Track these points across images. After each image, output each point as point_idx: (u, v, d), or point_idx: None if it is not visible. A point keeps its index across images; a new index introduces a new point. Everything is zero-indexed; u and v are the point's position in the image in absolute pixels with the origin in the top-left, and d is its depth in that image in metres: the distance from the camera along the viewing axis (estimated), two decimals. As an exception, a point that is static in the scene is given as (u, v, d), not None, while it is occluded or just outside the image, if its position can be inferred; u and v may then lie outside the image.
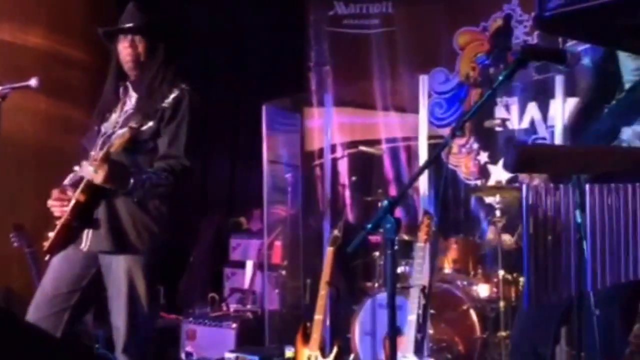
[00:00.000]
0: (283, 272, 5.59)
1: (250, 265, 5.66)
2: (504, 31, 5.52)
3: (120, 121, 2.95)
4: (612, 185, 2.08)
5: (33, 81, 3.01)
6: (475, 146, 5.59)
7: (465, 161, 5.63)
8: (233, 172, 6.38)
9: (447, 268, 4.59)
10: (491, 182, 5.33)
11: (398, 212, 5.03)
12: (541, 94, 5.25)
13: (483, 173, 5.53)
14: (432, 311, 3.98)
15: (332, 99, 5.54)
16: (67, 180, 3.01)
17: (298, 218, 5.73)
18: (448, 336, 4.17)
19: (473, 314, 4.18)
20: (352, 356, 4.32)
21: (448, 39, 5.73)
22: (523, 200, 2.03)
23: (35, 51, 4.98)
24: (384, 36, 5.98)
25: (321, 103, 5.83)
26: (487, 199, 5.07)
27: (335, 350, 3.93)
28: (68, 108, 5.06)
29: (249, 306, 5.37)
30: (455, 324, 4.21)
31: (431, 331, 3.98)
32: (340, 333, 4.54)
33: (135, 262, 2.83)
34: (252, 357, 4.57)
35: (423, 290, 3.65)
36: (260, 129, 5.49)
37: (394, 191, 5.67)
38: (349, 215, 5.90)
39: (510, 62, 2.32)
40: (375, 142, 5.89)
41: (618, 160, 2.15)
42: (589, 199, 2.04)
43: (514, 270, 4.33)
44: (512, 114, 5.43)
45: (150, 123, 2.83)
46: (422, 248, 3.85)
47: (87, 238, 2.86)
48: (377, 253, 4.74)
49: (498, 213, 4.41)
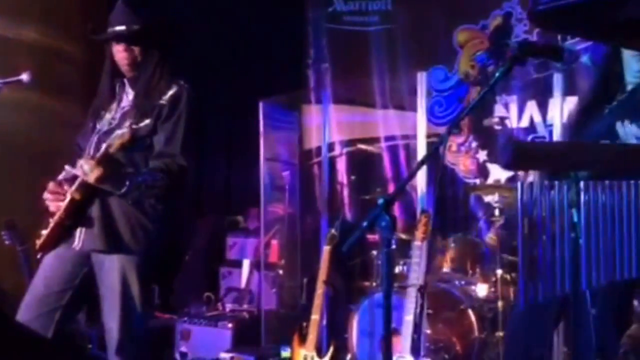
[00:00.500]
0: (280, 272, 5.56)
1: (246, 264, 5.64)
2: (504, 29, 5.50)
3: (116, 118, 2.91)
4: (607, 182, 2.07)
5: (25, 76, 2.98)
6: (474, 144, 5.57)
7: (463, 159, 5.61)
8: (230, 170, 6.36)
9: (445, 267, 4.57)
10: (490, 181, 5.32)
11: (396, 211, 5.06)
12: (540, 93, 5.23)
13: (482, 171, 5.51)
14: (430, 311, 3.96)
15: (331, 97, 5.51)
16: (62, 175, 2.97)
17: (295, 217, 5.71)
18: (445, 336, 4.14)
19: (471, 314, 4.15)
20: (349, 356, 4.31)
21: (447, 37, 5.70)
22: (518, 198, 2.02)
23: (28, 46, 4.94)
24: (383, 33, 5.96)
25: (319, 100, 5.81)
26: (486, 198, 5.05)
27: (331, 350, 3.91)
28: (62, 104, 5.02)
29: (245, 306, 5.35)
30: (452, 324, 4.18)
31: (428, 331, 3.96)
32: (337, 333, 4.51)
33: (128, 262, 2.79)
34: (248, 358, 4.56)
35: (420, 289, 3.61)
36: (257, 126, 5.46)
37: (393, 190, 5.64)
38: (347, 214, 5.87)
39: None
40: (373, 140, 5.86)
41: (613, 157, 2.14)
42: (584, 196, 2.03)
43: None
44: (511, 113, 5.41)
45: (147, 120, 2.80)
46: (420, 247, 3.82)
47: (80, 236, 2.82)
48: (375, 252, 4.72)
49: (497, 212, 4.39)
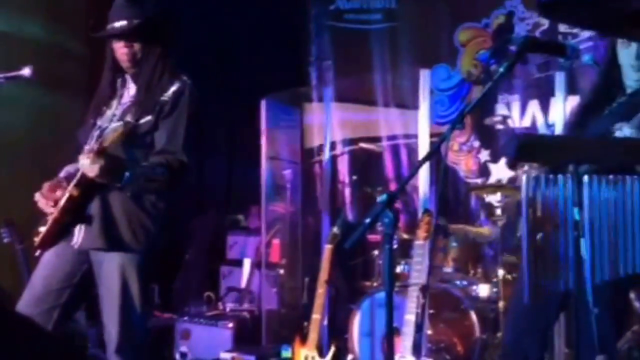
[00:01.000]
0: (281, 271, 5.53)
1: (247, 263, 5.61)
2: (506, 28, 5.48)
3: (117, 114, 2.89)
4: (611, 176, 2.08)
5: (26, 70, 2.95)
6: (476, 144, 5.56)
7: (465, 159, 5.60)
8: (231, 168, 6.35)
9: (447, 267, 4.55)
10: (491, 181, 5.30)
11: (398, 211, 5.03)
12: (542, 92, 5.23)
13: (483, 171, 5.49)
14: (431, 311, 3.94)
15: (333, 95, 5.49)
16: (62, 173, 2.96)
17: (297, 216, 5.70)
18: (447, 337, 4.12)
19: (472, 314, 4.12)
20: (351, 356, 4.28)
21: (450, 36, 5.70)
22: (522, 191, 2.04)
23: (30, 42, 4.92)
24: (386, 31, 5.95)
25: (321, 98, 5.78)
26: (488, 198, 5.03)
27: (332, 350, 3.89)
28: (63, 101, 5.01)
29: (246, 305, 5.32)
30: (454, 325, 4.16)
31: (430, 331, 3.94)
32: (338, 333, 4.49)
33: (128, 261, 2.76)
34: (249, 358, 4.54)
35: (422, 289, 3.59)
36: (259, 124, 5.44)
37: (395, 188, 5.62)
38: (349, 213, 5.85)
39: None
40: (375, 139, 5.85)
41: (618, 151, 2.14)
42: (588, 191, 2.04)
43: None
44: (513, 112, 5.40)
45: (148, 117, 2.78)
46: (422, 246, 3.79)
47: (79, 234, 2.79)
48: (376, 252, 4.70)
49: (498, 211, 4.37)
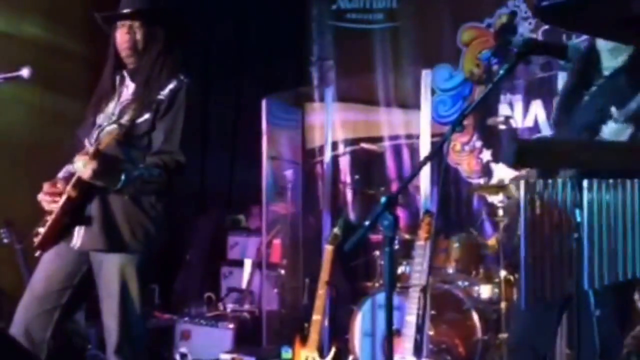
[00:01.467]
0: (282, 272, 5.52)
1: (248, 264, 5.59)
2: (509, 28, 5.45)
3: (116, 112, 2.87)
4: (611, 180, 2.09)
5: (25, 71, 2.93)
6: (478, 144, 5.54)
7: (467, 159, 5.58)
8: (232, 168, 6.33)
9: (449, 268, 4.54)
10: (494, 181, 5.27)
11: (400, 211, 5.02)
12: (545, 92, 5.21)
13: (485, 171, 5.47)
14: (433, 312, 3.93)
15: (334, 94, 5.47)
16: (61, 173, 2.95)
17: (298, 216, 5.68)
18: (448, 337, 4.12)
19: (474, 315, 4.12)
20: (351, 357, 4.27)
21: (452, 35, 5.68)
22: (521, 196, 2.04)
23: (30, 42, 4.92)
24: (388, 31, 5.94)
25: (323, 98, 5.76)
26: (490, 198, 5.01)
27: (333, 351, 3.88)
28: (63, 101, 5.01)
29: (247, 306, 5.31)
30: (455, 325, 4.16)
31: (431, 332, 3.93)
32: (339, 334, 4.48)
33: (128, 261, 2.75)
34: (249, 358, 4.52)
35: (423, 290, 3.57)
36: (260, 124, 5.42)
37: (396, 189, 5.61)
38: (350, 213, 5.84)
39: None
40: (377, 140, 5.83)
41: (617, 155, 2.14)
42: (587, 195, 2.05)
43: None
44: (516, 112, 5.38)
45: (146, 115, 2.75)
46: (422, 247, 3.78)
47: (79, 235, 2.77)
48: (378, 252, 4.69)
49: (500, 212, 4.35)
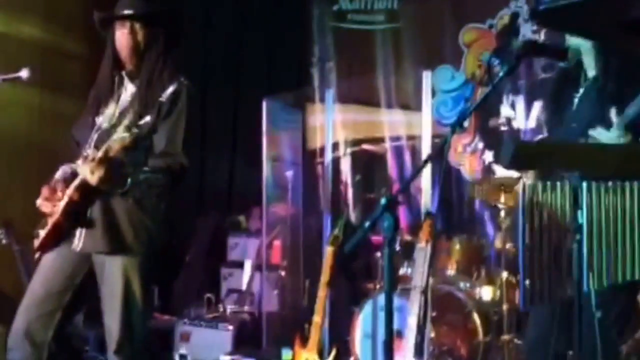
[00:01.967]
0: (282, 273, 5.51)
1: (248, 265, 5.58)
2: (511, 29, 5.45)
3: (116, 114, 2.87)
4: (610, 183, 2.09)
5: (24, 72, 2.94)
6: (480, 145, 5.52)
7: (469, 160, 5.56)
8: (232, 169, 6.32)
9: (450, 270, 4.52)
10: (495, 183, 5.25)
11: (401, 212, 5.01)
12: (547, 93, 5.18)
13: (487, 173, 5.45)
14: (434, 314, 3.92)
15: (335, 96, 5.46)
16: (58, 174, 2.93)
17: (298, 217, 5.67)
18: (450, 339, 4.12)
19: (476, 317, 4.12)
20: (352, 359, 4.25)
21: (454, 36, 5.66)
22: (520, 199, 2.06)
23: (30, 43, 4.91)
24: (389, 32, 5.92)
25: (324, 99, 5.75)
26: (492, 200, 4.99)
27: (333, 353, 3.87)
28: (62, 102, 5.00)
29: (247, 307, 5.30)
30: (457, 327, 4.15)
31: (433, 334, 3.91)
32: (339, 335, 4.46)
33: (130, 262, 2.77)
34: (249, 360, 4.51)
35: (424, 291, 3.55)
36: (260, 125, 5.41)
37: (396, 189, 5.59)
38: (351, 214, 5.82)
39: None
40: (378, 141, 5.81)
41: (616, 158, 2.15)
42: (587, 197, 2.06)
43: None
44: (518, 113, 5.36)
45: (147, 117, 2.73)
46: (424, 249, 3.76)
47: (80, 237, 2.78)
48: (379, 254, 4.67)
49: (502, 213, 4.34)
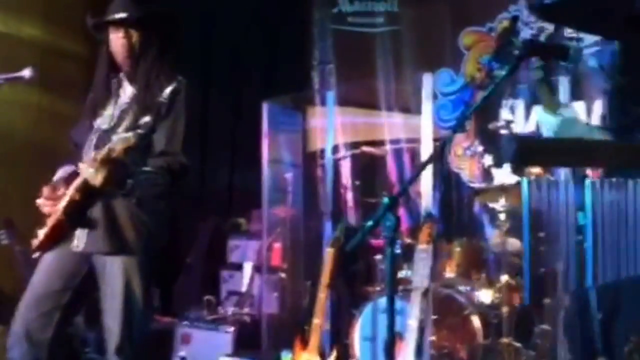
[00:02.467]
0: (282, 275, 5.51)
1: (248, 267, 5.58)
2: (510, 32, 5.44)
3: (115, 115, 2.88)
4: (614, 180, 2.11)
5: (27, 72, 2.94)
6: (479, 149, 5.51)
7: (469, 164, 5.56)
8: (232, 171, 6.31)
9: (450, 272, 4.53)
10: (495, 186, 5.25)
11: (401, 214, 5.00)
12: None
13: (486, 176, 5.45)
14: (434, 316, 3.92)
15: (336, 98, 5.46)
16: (58, 174, 2.94)
17: (298, 219, 5.66)
18: (450, 342, 4.12)
19: (475, 320, 4.11)
20: (352, 361, 4.25)
21: (453, 39, 5.67)
22: (524, 195, 2.08)
23: (29, 43, 4.91)
24: (389, 35, 5.92)
25: (324, 102, 5.76)
26: (491, 203, 4.99)
27: (334, 355, 3.86)
28: (62, 102, 5.00)
29: (247, 309, 5.29)
30: (457, 330, 4.15)
31: (433, 337, 3.91)
32: (339, 338, 4.46)
33: (132, 262, 2.78)
34: (248, 362, 4.50)
35: (424, 294, 3.55)
36: (260, 128, 5.41)
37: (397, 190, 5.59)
38: (351, 217, 5.81)
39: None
40: (378, 143, 5.81)
41: (620, 155, 2.14)
42: (590, 194, 2.07)
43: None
44: (517, 117, 5.36)
45: (147, 118, 2.74)
46: (424, 250, 3.76)
47: (81, 237, 2.79)
48: (378, 257, 4.67)
49: (502, 217, 4.34)
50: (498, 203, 4.41)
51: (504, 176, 5.15)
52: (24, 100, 4.67)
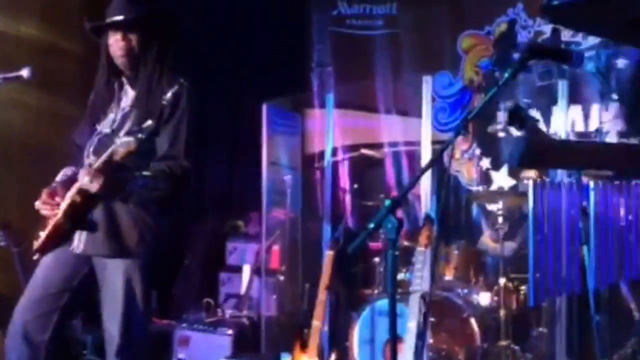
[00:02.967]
0: (281, 277, 5.50)
1: (247, 269, 5.57)
2: (509, 36, 5.46)
3: (117, 119, 2.87)
4: (617, 182, 2.13)
5: (25, 71, 2.92)
6: (477, 152, 5.52)
7: (467, 167, 5.57)
8: (231, 174, 6.30)
9: (448, 275, 4.53)
10: (493, 189, 5.27)
11: (401, 216, 5.00)
12: (544, 101, 5.20)
13: (484, 179, 5.46)
14: (432, 319, 3.92)
15: (334, 101, 5.46)
16: (59, 177, 2.93)
17: (297, 222, 5.66)
18: (448, 345, 4.12)
19: (473, 323, 4.12)
20: (350, 364, 4.25)
21: (452, 43, 5.68)
22: (529, 197, 2.09)
23: (27, 42, 4.90)
24: (388, 38, 5.93)
25: (323, 104, 5.75)
26: (489, 206, 5.01)
27: (333, 357, 3.86)
28: (60, 102, 4.98)
29: (245, 312, 5.28)
30: (455, 333, 4.15)
31: (431, 340, 3.91)
32: (338, 340, 4.46)
33: (132, 265, 2.77)
34: (247, 365, 4.50)
35: (423, 297, 3.56)
36: (259, 130, 5.41)
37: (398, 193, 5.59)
38: (349, 220, 5.82)
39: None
40: (377, 146, 5.81)
41: (624, 157, 2.16)
42: (593, 196, 2.10)
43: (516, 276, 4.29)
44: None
45: (149, 122, 2.73)
46: (423, 253, 3.76)
47: (81, 239, 2.78)
48: (377, 259, 4.67)
49: (500, 220, 4.34)
50: (496, 206, 4.42)
51: (502, 179, 5.17)
52: (22, 100, 4.65)
